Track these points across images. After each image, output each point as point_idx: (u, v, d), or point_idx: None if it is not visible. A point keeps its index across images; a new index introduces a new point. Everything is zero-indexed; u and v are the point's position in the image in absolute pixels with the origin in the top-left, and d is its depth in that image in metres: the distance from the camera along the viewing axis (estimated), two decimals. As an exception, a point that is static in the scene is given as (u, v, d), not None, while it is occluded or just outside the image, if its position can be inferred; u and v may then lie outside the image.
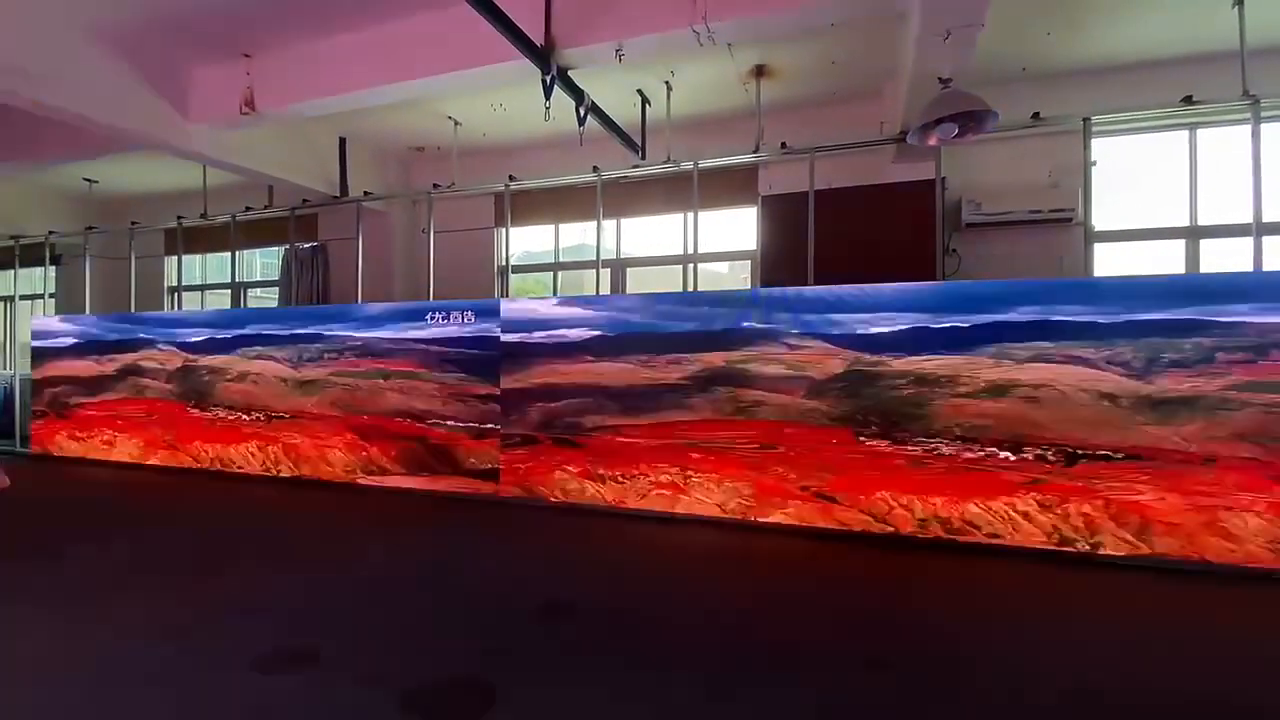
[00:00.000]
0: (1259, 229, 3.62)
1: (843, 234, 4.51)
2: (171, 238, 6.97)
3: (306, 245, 6.68)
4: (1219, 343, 2.98)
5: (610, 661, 2.13)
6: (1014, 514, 3.23)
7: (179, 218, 6.24)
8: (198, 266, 8.43)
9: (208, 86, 4.54)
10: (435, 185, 5.43)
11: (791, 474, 3.68)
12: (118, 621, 2.42)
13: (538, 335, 4.34)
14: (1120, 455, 3.09)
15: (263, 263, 9.39)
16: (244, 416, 5.32)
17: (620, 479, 4.04)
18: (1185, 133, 4.30)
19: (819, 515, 3.60)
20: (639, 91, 4.74)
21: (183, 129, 4.60)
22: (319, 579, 2.93)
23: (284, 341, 5.23)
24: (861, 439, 3.57)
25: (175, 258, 7.17)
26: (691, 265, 4.83)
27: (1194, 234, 4.30)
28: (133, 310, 6.39)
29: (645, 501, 3.96)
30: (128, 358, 5.89)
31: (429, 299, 5.31)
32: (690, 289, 4.74)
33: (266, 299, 8.02)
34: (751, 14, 3.25)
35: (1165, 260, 4.44)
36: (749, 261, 5.50)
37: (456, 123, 5.32)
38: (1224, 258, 4.30)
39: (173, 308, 7.61)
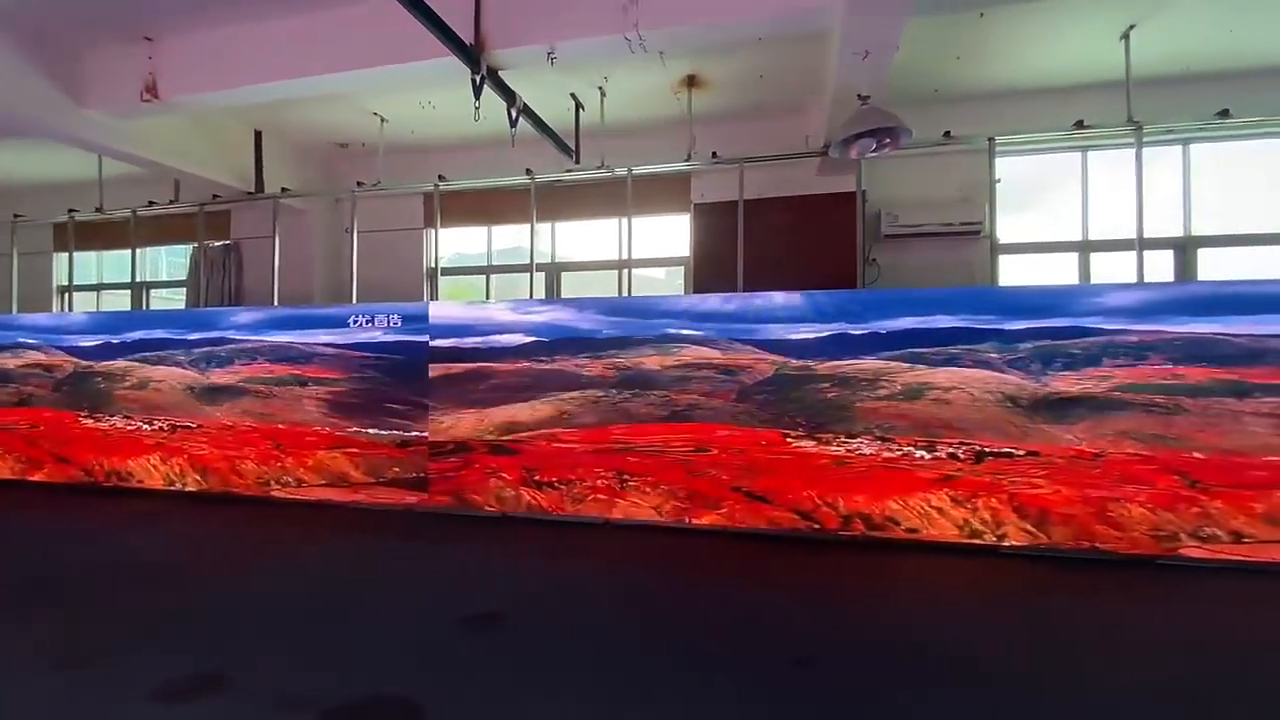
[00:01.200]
0: (1141, 244, 3.99)
1: (771, 242, 4.65)
2: (62, 233, 6.41)
3: (217, 244, 6.29)
4: (1105, 348, 3.26)
5: (544, 674, 2.10)
6: (929, 509, 3.41)
7: (71, 211, 5.73)
8: (93, 265, 7.77)
9: (105, 71, 4.20)
10: (359, 183, 5.24)
11: (724, 475, 3.74)
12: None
13: (470, 340, 4.24)
14: (1022, 452, 3.33)
15: (169, 262, 8.76)
16: (144, 427, 4.93)
17: (556, 485, 4.00)
18: (1078, 154, 4.69)
19: (751, 515, 3.68)
20: (572, 95, 4.73)
21: (76, 115, 4.25)
22: (226, 598, 2.74)
23: (191, 346, 4.89)
24: (789, 440, 3.67)
25: (66, 254, 6.58)
26: (626, 270, 4.86)
27: (1085, 248, 4.69)
28: (15, 311, 5.82)
29: (582, 507, 3.93)
30: (6, 362, 5.35)
31: (352, 302, 5.10)
32: (625, 294, 4.76)
33: (173, 300, 7.48)
34: (682, 24, 3.32)
35: (1062, 271, 4.81)
36: (682, 267, 5.59)
37: (383, 119, 5.15)
38: (1112, 270, 4.71)
39: (63, 309, 6.98)
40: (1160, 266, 4.58)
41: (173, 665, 2.11)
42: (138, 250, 5.80)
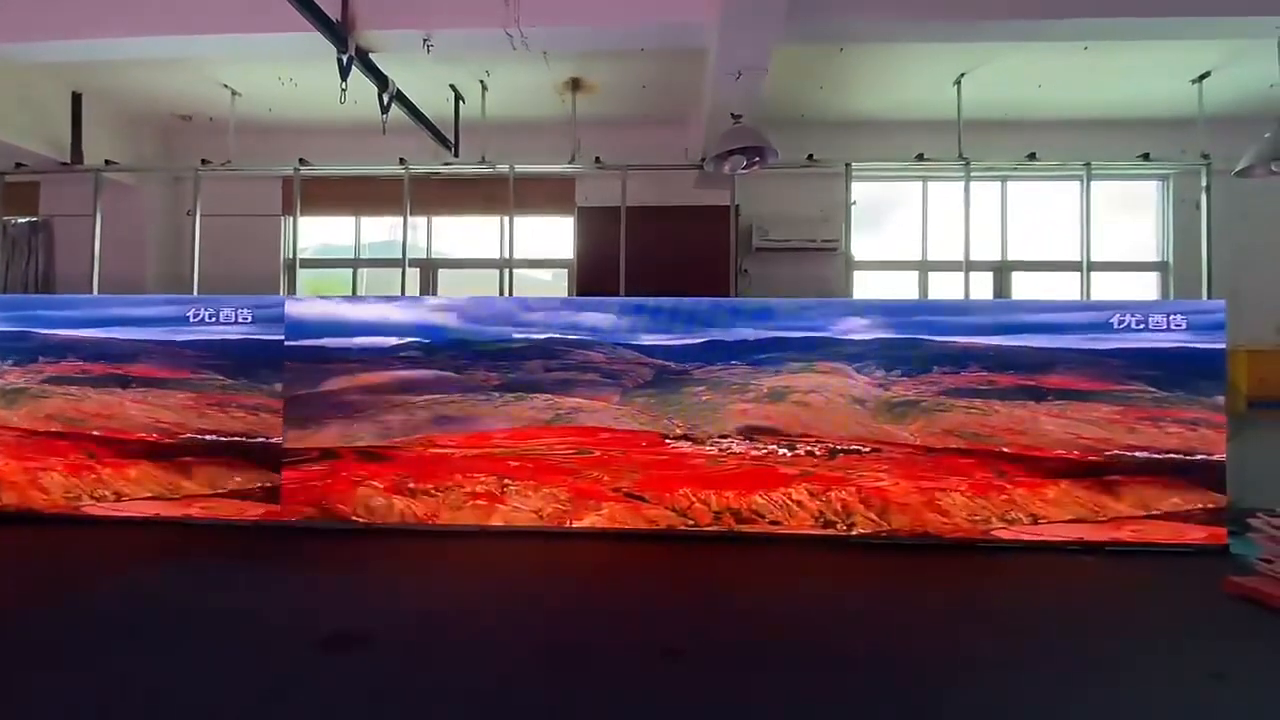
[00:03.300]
0: (968, 265, 4.54)
1: (652, 249, 4.75)
2: None
3: (22, 220, 5.37)
4: (934, 357, 3.68)
5: (414, 694, 1.99)
6: (790, 502, 3.67)
7: None
8: None
9: None
10: (205, 161, 4.71)
11: (605, 477, 3.78)
12: None
13: (334, 338, 3.95)
14: (868, 449, 3.68)
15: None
16: (-87, 434, 4.10)
17: (433, 492, 3.82)
18: (919, 182, 5.24)
19: (630, 515, 3.74)
20: (452, 87, 4.56)
21: None
22: (28, 633, 2.35)
23: (-17, 338, 4.15)
24: (668, 441, 3.78)
25: None
26: (508, 270, 4.76)
27: (924, 267, 5.24)
28: None
29: (460, 514, 3.79)
30: None
31: (193, 293, 4.58)
32: (507, 294, 4.66)
33: (-42, 284, 6.28)
34: (563, 24, 3.32)
35: (905, 287, 5.35)
36: (566, 270, 5.56)
37: (235, 93, 4.65)
38: (945, 287, 5.30)
39: None
40: (982, 286, 5.24)
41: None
42: (-92, 222, 4.82)
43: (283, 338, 3.96)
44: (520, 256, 5.05)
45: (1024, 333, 3.68)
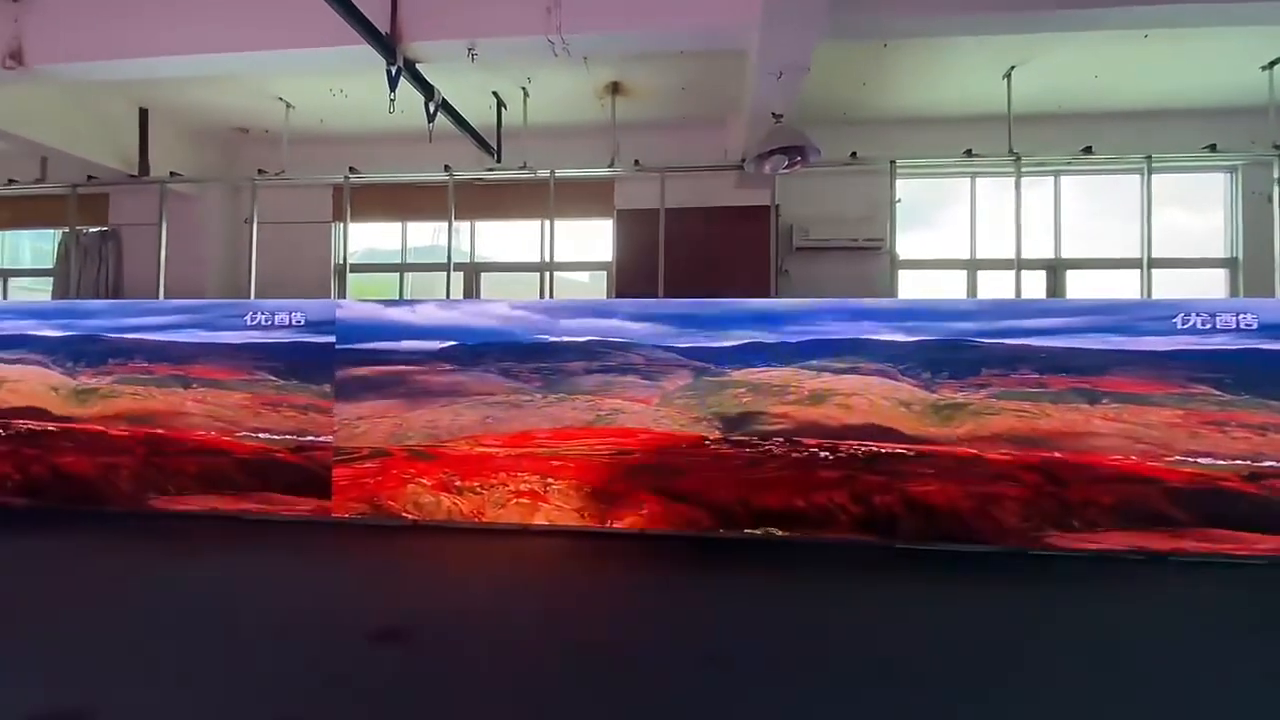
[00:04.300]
0: (1020, 264, 4.40)
1: (691, 250, 4.76)
2: (-102, 210, 5.61)
3: (93, 230, 5.70)
4: (983, 358, 3.58)
5: (456, 690, 2.04)
6: (832, 506, 3.62)
7: (-90, 186, 5.04)
8: (-63, 248, 6.83)
9: (-45, 30, 3.73)
10: (261, 171, 4.91)
11: (646, 477, 3.79)
12: None
13: (383, 340, 4.07)
14: (913, 453, 3.59)
15: (33, 247, 7.85)
16: (-2, 431, 4.39)
17: (478, 489, 3.90)
18: (968, 179, 5.10)
19: (670, 516, 3.75)
20: (495, 94, 4.66)
21: (-84, 78, 3.74)
22: (94, 622, 2.49)
23: (56, 342, 4.41)
24: (708, 443, 3.77)
25: (-97, 235, 5.77)
26: (549, 273, 4.83)
27: (973, 266, 5.10)
28: None
29: (504, 512, 3.86)
30: None
31: (250, 297, 4.78)
32: (547, 297, 4.73)
33: (38, 290, 6.70)
34: (604, 30, 3.35)
35: (953, 286, 5.21)
36: (605, 272, 5.61)
37: (289, 105, 4.85)
38: (995, 286, 5.15)
39: (-104, 297, 6.11)
40: (1035, 285, 5.06)
41: (33, 698, 1.90)
42: (-6, 233, 5.17)
43: (333, 340, 4.09)
44: (560, 259, 5.11)
45: (1078, 333, 3.54)
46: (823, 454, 3.65)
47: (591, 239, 5.76)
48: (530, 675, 2.10)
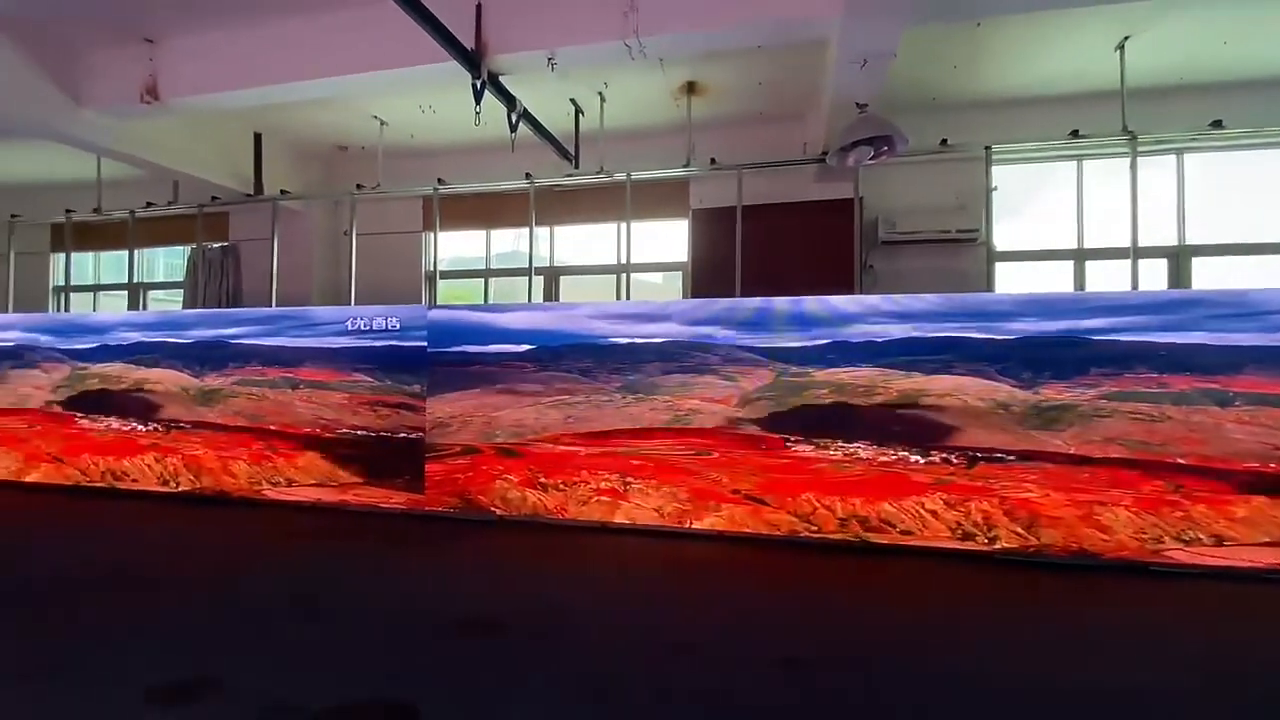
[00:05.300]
0: (1136, 253, 4.03)
1: (768, 248, 4.67)
2: (59, 233, 6.40)
3: (215, 245, 6.28)
4: (1092, 357, 3.30)
5: (539, 680, 2.10)
6: (923, 512, 3.44)
7: (68, 211, 5.73)
8: (90, 265, 7.75)
9: (105, 71, 4.22)
10: (359, 186, 5.25)
11: (725, 478, 3.76)
12: (-17, 656, 2.18)
13: (471, 343, 4.25)
14: (1012, 457, 3.36)
15: (166, 263, 8.75)
16: (140, 427, 4.92)
17: (561, 486, 4.01)
18: (1073, 163, 4.73)
19: (750, 518, 3.69)
20: (572, 101, 4.76)
21: (75, 116, 4.25)
22: (217, 600, 2.74)
23: (186, 348, 4.89)
24: (788, 444, 3.69)
25: (63, 255, 6.57)
26: (625, 275, 4.89)
27: (1080, 256, 4.72)
28: (10, 310, 5.80)
29: (586, 509, 3.94)
30: (6, 362, 5.33)
31: (350, 304, 5.11)
32: (624, 298, 4.78)
33: (170, 301, 7.47)
34: (681, 31, 3.35)
35: (1057, 279, 4.85)
36: (680, 273, 5.61)
37: (382, 122, 5.16)
38: (1106, 279, 4.74)
39: (58, 309, 6.97)
40: (1154, 275, 4.62)
41: (166, 667, 2.11)
42: (136, 251, 5.79)
43: (425, 344, 4.31)
44: (636, 261, 5.15)
45: (1204, 328, 3.20)
46: (913, 457, 3.48)
47: (666, 240, 5.77)
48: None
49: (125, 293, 6.80)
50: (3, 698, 1.92)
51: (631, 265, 4.92)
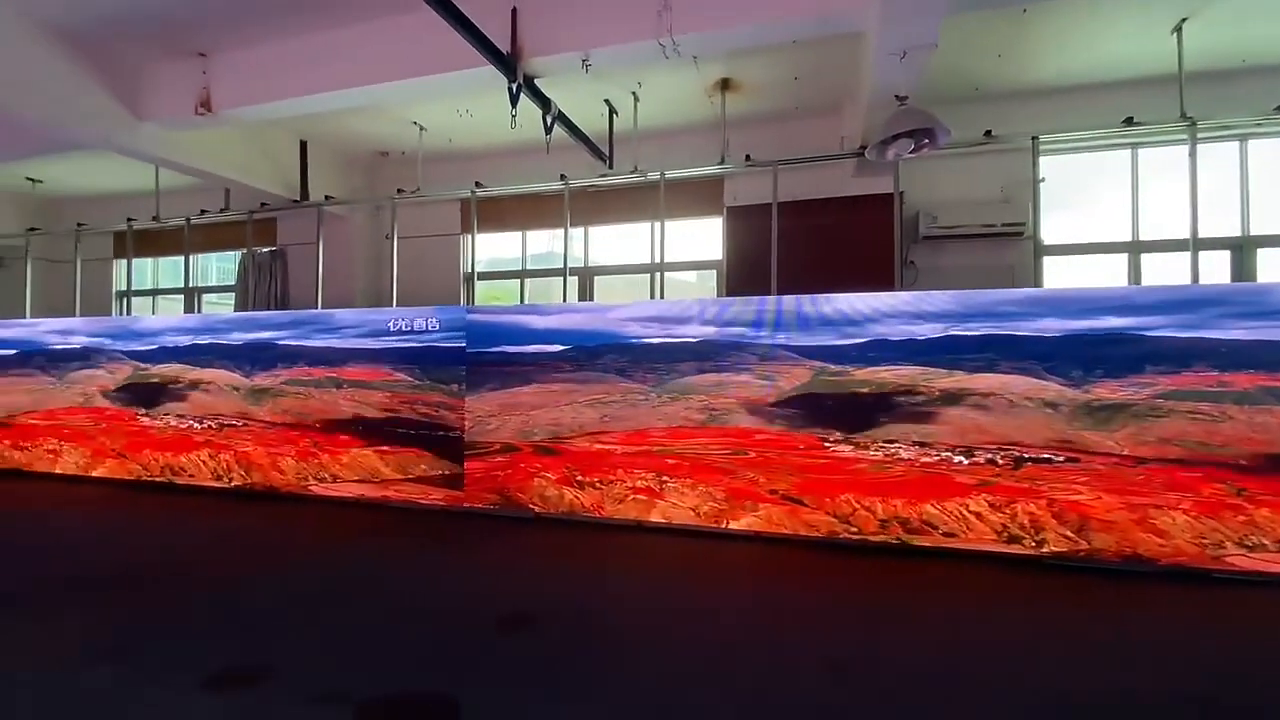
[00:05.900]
0: (1196, 244, 3.84)
1: (805, 245, 4.61)
2: (120, 240, 6.73)
3: (265, 250, 6.52)
4: (1146, 354, 3.16)
5: (578, 675, 2.13)
6: (967, 514, 3.35)
7: (129, 220, 6.03)
8: (149, 270, 8.14)
9: (161, 85, 4.42)
10: (400, 190, 5.37)
11: (761, 478, 3.73)
12: (47, 644, 2.31)
13: (509, 344, 4.31)
14: (1061, 458, 3.24)
15: (218, 267, 9.12)
16: (195, 425, 5.15)
17: (598, 484, 4.04)
18: (1127, 152, 4.53)
19: (788, 518, 3.66)
20: (606, 101, 4.78)
21: (134, 128, 4.47)
22: (268, 592, 2.85)
23: (238, 349, 5.09)
24: (826, 444, 3.64)
25: (124, 261, 6.92)
26: (659, 274, 4.89)
27: (1135, 249, 4.52)
28: (77, 315, 6.14)
29: (623, 507, 3.96)
30: (74, 363, 5.65)
31: (392, 306, 5.24)
32: (658, 298, 4.78)
33: (222, 304, 7.80)
34: (715, 28, 3.33)
35: (1110, 273, 4.65)
36: (715, 271, 5.58)
37: (422, 128, 5.28)
38: (1164, 272, 4.54)
39: (121, 313, 7.33)
40: (1216, 268, 4.40)
41: (225, 653, 2.21)
42: (191, 257, 6.05)
43: (464, 344, 4.39)
44: (670, 260, 5.15)
45: (1270, 323, 3.03)
46: (956, 458, 3.40)
47: (700, 239, 5.75)
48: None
49: (181, 296, 7.11)
50: (91, 676, 2.04)
51: (666, 264, 4.92)
